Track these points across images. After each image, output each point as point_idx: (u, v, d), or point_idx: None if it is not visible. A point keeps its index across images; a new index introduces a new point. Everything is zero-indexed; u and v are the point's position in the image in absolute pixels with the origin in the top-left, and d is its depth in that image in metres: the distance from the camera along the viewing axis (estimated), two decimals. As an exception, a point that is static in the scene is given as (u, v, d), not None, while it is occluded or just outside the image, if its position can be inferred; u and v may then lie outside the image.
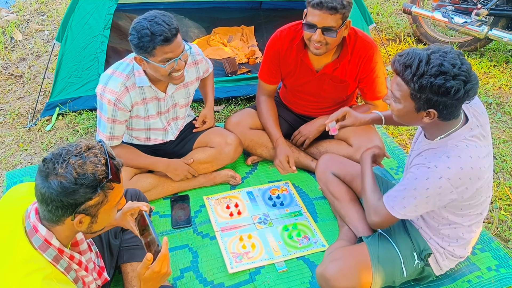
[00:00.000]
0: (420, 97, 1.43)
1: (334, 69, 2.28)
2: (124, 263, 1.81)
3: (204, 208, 2.33)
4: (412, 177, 1.54)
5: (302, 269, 2.01)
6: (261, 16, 4.08)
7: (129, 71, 2.05)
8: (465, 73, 1.38)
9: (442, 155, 1.49)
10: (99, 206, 1.22)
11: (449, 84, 1.36)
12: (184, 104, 2.31)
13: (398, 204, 1.60)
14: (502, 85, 3.45)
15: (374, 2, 4.84)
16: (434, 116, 1.46)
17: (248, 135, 2.49)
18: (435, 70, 1.37)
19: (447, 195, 1.50)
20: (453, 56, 1.40)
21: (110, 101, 2.02)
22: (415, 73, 1.40)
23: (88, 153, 1.19)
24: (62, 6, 4.59)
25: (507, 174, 2.60)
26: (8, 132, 2.91)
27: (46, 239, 1.22)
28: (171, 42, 1.86)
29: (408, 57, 1.43)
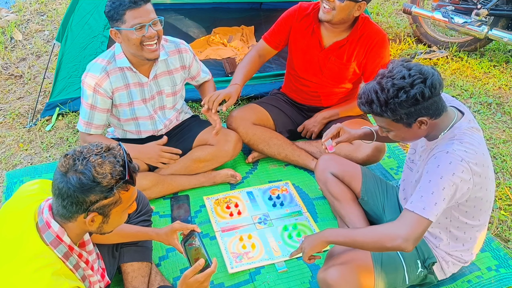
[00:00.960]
0: (401, 117, 1.48)
1: (340, 46, 2.34)
2: (124, 263, 1.81)
3: (204, 208, 2.33)
4: (433, 167, 1.50)
5: (302, 269, 2.01)
6: (261, 16, 4.08)
7: (110, 56, 2.10)
8: (417, 75, 1.43)
9: (456, 141, 1.51)
10: (112, 207, 1.25)
11: (412, 93, 1.42)
12: (170, 92, 2.30)
13: (428, 203, 1.46)
14: (502, 85, 3.45)
15: (374, 2, 4.84)
16: (427, 121, 1.50)
17: (251, 130, 2.49)
18: (392, 91, 1.44)
19: (466, 182, 1.48)
20: (398, 69, 1.46)
21: (90, 86, 2.06)
22: (380, 104, 1.47)
23: (108, 153, 1.23)
24: (62, 6, 4.59)
25: (507, 174, 2.60)
26: (8, 132, 2.91)
27: (58, 235, 1.25)
28: (139, 6, 1.93)
29: (365, 96, 1.51)
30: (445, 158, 1.48)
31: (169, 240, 1.73)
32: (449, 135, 1.56)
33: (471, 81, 3.50)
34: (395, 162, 2.67)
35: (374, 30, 2.33)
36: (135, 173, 1.27)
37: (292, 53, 2.50)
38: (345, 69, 2.40)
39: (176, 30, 3.84)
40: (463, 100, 3.29)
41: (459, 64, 3.70)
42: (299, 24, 2.40)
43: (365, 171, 2.12)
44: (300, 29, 2.41)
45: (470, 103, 3.26)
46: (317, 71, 2.45)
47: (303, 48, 2.43)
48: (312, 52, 2.41)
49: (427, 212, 1.46)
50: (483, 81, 3.50)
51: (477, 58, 3.81)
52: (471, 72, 3.62)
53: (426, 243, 1.74)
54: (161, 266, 2.02)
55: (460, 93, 3.36)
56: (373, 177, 2.10)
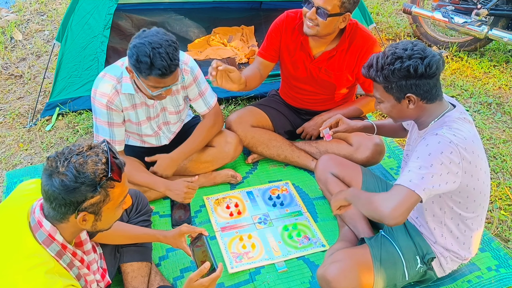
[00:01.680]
0: (392, 87, 1.54)
1: (330, 57, 2.31)
2: (124, 263, 1.81)
3: (204, 208, 2.33)
4: (422, 146, 1.53)
5: (302, 269, 2.01)
6: (261, 16, 4.08)
7: (119, 75, 2.02)
8: (418, 51, 1.50)
9: (444, 126, 1.54)
10: (102, 204, 1.25)
11: (406, 64, 1.48)
12: (174, 111, 2.26)
13: (415, 176, 1.47)
14: (502, 85, 3.45)
15: (374, 2, 4.84)
16: (415, 100, 1.55)
17: (249, 133, 2.49)
18: (390, 58, 1.52)
19: (455, 166, 1.48)
20: (404, 43, 1.55)
21: (102, 104, 2.01)
22: (377, 69, 1.55)
23: (90, 152, 1.22)
24: (62, 6, 4.59)
25: (507, 174, 2.60)
26: (8, 132, 2.91)
27: (50, 234, 1.25)
28: (167, 77, 1.83)
29: (369, 60, 1.60)
30: (434, 138, 1.51)
31: (177, 243, 1.74)
32: (439, 123, 1.58)
33: (471, 81, 3.50)
34: (395, 162, 2.67)
35: (363, 38, 2.28)
36: (120, 169, 1.26)
37: (285, 64, 2.47)
38: (337, 79, 2.39)
39: (176, 30, 3.84)
40: (463, 100, 3.29)
41: (459, 64, 3.70)
42: (287, 35, 2.37)
43: (365, 171, 2.12)
44: (289, 40, 2.37)
45: (470, 103, 3.26)
46: (310, 80, 2.44)
47: (294, 59, 2.40)
48: (303, 63, 2.39)
49: (413, 184, 1.45)
50: (483, 81, 3.50)
51: (477, 58, 3.81)
52: (471, 72, 3.62)
53: (424, 239, 1.75)
54: (161, 266, 2.02)
55: (460, 93, 3.36)
56: (373, 177, 2.11)
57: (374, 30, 3.31)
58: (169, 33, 1.85)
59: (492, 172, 2.61)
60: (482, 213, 1.70)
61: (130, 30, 3.69)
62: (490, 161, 2.68)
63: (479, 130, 2.96)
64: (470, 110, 3.17)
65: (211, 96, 2.31)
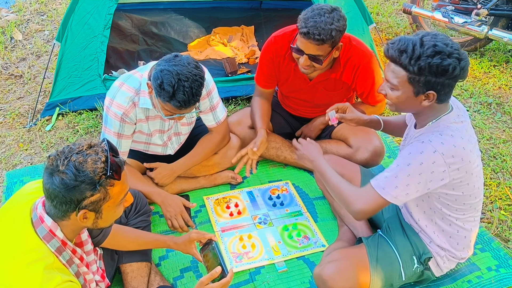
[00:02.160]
0: (419, 79, 1.45)
1: (326, 78, 2.28)
2: (123, 263, 1.81)
3: (204, 208, 2.33)
4: (405, 153, 1.51)
5: (302, 269, 2.01)
6: (261, 16, 4.08)
7: (138, 87, 1.98)
8: (457, 51, 1.43)
9: (435, 132, 1.51)
10: (102, 202, 1.26)
11: (446, 62, 1.40)
12: (186, 123, 2.26)
13: (389, 184, 1.52)
14: (502, 85, 3.45)
15: (374, 2, 4.84)
16: (433, 98, 1.49)
17: (248, 135, 2.49)
18: (431, 51, 1.41)
19: (439, 174, 1.48)
20: (443, 37, 1.46)
21: (116, 115, 1.98)
22: (412, 57, 1.43)
23: (90, 151, 1.23)
24: (62, 6, 4.59)
25: (507, 174, 2.60)
26: (8, 132, 2.91)
27: (50, 230, 1.27)
28: (184, 109, 1.82)
29: (401, 43, 1.46)
30: (418, 147, 1.49)
31: (188, 249, 1.76)
32: (434, 127, 1.55)
33: (471, 81, 3.50)
34: (395, 162, 2.66)
35: (359, 54, 2.21)
36: (120, 168, 1.27)
37: (281, 83, 2.43)
38: (336, 95, 2.36)
39: (176, 30, 3.84)
40: (463, 100, 3.29)
41: (459, 64, 3.70)
42: (279, 62, 2.32)
43: (364, 171, 2.11)
44: (282, 66, 2.32)
45: (470, 103, 3.26)
46: (308, 98, 2.42)
47: (289, 82, 2.36)
48: (299, 85, 2.35)
49: (385, 192, 1.53)
50: (483, 81, 3.50)
51: (477, 58, 3.81)
52: (471, 72, 3.61)
53: (421, 239, 1.75)
54: (161, 266, 2.01)
55: (460, 93, 3.36)
56: (372, 176, 2.10)
57: (374, 30, 3.31)
58: (200, 65, 1.82)
59: (492, 172, 2.61)
60: (475, 214, 1.69)
61: (130, 30, 3.69)
62: (490, 161, 2.69)
63: (479, 130, 2.96)
64: (470, 110, 3.17)
65: (221, 111, 2.29)
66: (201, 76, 1.79)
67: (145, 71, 1.98)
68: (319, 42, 1.96)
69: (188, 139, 2.37)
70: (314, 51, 2.02)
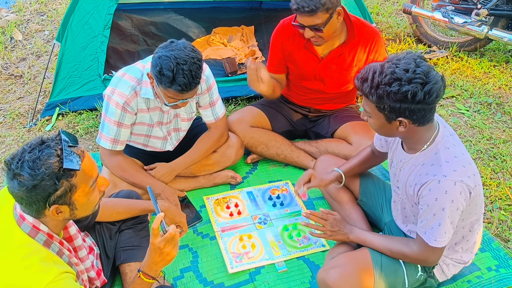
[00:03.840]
0: (384, 107, 1.45)
1: (339, 54, 2.31)
2: (122, 263, 1.81)
3: (204, 208, 2.33)
4: (431, 200, 1.50)
5: (302, 269, 2.01)
6: (261, 16, 4.08)
7: (140, 77, 2.01)
8: (420, 75, 1.38)
9: (442, 162, 1.49)
10: (70, 194, 1.24)
11: (404, 89, 1.37)
12: (186, 118, 2.27)
13: (438, 234, 1.52)
14: (502, 85, 3.45)
15: (374, 2, 4.84)
16: (406, 124, 1.47)
17: (249, 133, 2.49)
18: (388, 78, 1.39)
19: (468, 198, 1.50)
20: (407, 61, 1.41)
21: (118, 104, 1.99)
22: (371, 85, 1.43)
23: (42, 146, 1.21)
24: (62, 6, 4.59)
25: (507, 174, 2.60)
26: (8, 132, 2.91)
27: (34, 225, 1.27)
28: (186, 93, 1.84)
29: (364, 71, 1.46)
30: (439, 188, 1.47)
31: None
32: (432, 151, 1.54)
33: (471, 81, 3.50)
34: (395, 162, 2.67)
35: (369, 31, 2.30)
36: (79, 157, 1.24)
37: (290, 67, 2.47)
38: (347, 74, 2.38)
39: (176, 30, 3.84)
40: (463, 100, 3.29)
41: (459, 64, 3.70)
42: (288, 43, 2.36)
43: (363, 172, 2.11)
44: (291, 47, 2.36)
45: (470, 103, 3.26)
46: (318, 80, 2.44)
47: (300, 63, 2.39)
48: (310, 65, 2.38)
49: (439, 242, 1.54)
50: (483, 81, 3.50)
51: (477, 58, 3.81)
52: (471, 72, 3.62)
53: None
54: (161, 266, 2.01)
55: (460, 93, 3.36)
56: (372, 177, 2.10)
57: (374, 30, 3.31)
58: (196, 49, 1.85)
59: (492, 172, 2.61)
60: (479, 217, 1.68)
61: (130, 30, 3.69)
62: (490, 161, 2.68)
63: (479, 130, 2.96)
64: (470, 110, 3.17)
65: (220, 108, 2.31)
66: (199, 59, 1.83)
67: (148, 62, 2.00)
68: (311, 13, 2.02)
69: (187, 138, 2.37)
70: (312, 22, 2.06)
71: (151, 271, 1.45)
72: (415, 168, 1.58)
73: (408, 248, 1.63)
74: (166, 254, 1.41)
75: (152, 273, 1.45)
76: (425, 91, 1.38)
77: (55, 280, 1.21)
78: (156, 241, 1.39)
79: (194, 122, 2.42)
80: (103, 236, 1.80)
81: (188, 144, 2.34)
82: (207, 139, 2.32)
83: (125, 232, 1.86)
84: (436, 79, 1.40)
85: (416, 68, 1.39)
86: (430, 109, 1.44)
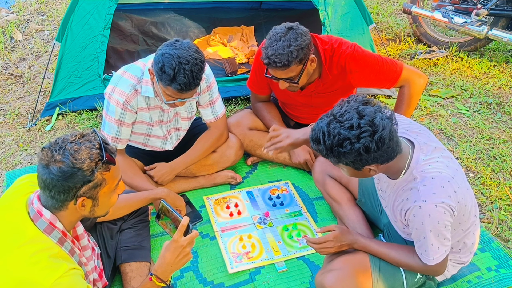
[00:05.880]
0: (347, 163, 1.46)
1: (318, 85, 2.24)
2: (122, 263, 1.81)
3: (204, 208, 2.33)
4: (418, 224, 1.51)
5: (302, 269, 2.01)
6: (261, 16, 4.08)
7: (140, 76, 2.02)
8: (366, 128, 1.37)
9: (419, 187, 1.49)
10: (99, 189, 1.30)
11: (357, 146, 1.38)
12: (186, 117, 2.27)
13: (433, 252, 1.54)
14: (502, 85, 3.45)
15: (374, 2, 4.84)
16: (375, 168, 1.48)
17: (248, 136, 2.49)
18: (337, 140, 1.39)
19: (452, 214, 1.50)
20: (349, 115, 1.40)
21: (118, 102, 2.00)
22: (326, 148, 1.43)
23: (83, 139, 1.27)
24: (62, 6, 4.59)
25: (507, 174, 2.60)
26: (8, 132, 2.91)
27: (50, 222, 1.29)
28: (185, 92, 1.84)
29: (314, 133, 1.46)
30: (422, 213, 1.48)
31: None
32: (408, 177, 1.54)
33: (471, 81, 3.50)
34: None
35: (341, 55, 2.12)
36: (113, 154, 1.31)
37: (275, 93, 2.43)
38: (333, 95, 2.29)
39: (176, 30, 3.84)
40: (463, 100, 3.29)
41: (459, 64, 3.70)
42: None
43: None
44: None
45: (470, 103, 3.26)
46: (305, 105, 2.40)
47: (282, 92, 2.29)
48: (292, 94, 2.31)
49: (437, 259, 1.56)
50: (483, 81, 3.50)
51: (477, 58, 3.81)
52: (471, 72, 3.62)
53: None
54: (161, 266, 2.01)
55: (460, 93, 3.36)
56: (371, 178, 2.10)
57: (374, 30, 3.31)
58: (200, 50, 1.85)
59: (492, 172, 2.61)
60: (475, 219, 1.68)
61: (130, 30, 3.69)
62: (490, 161, 2.68)
63: (479, 130, 2.96)
64: (470, 110, 3.17)
65: (220, 107, 2.31)
66: (201, 60, 1.83)
67: (149, 61, 2.00)
68: (283, 67, 1.97)
69: (187, 138, 2.37)
70: (285, 75, 2.02)
71: (164, 273, 1.47)
72: (398, 193, 1.60)
73: (415, 261, 1.63)
74: (184, 254, 1.46)
75: (164, 276, 1.47)
76: (376, 141, 1.37)
77: (64, 275, 1.22)
78: (181, 239, 1.43)
79: (194, 122, 2.42)
80: (104, 236, 1.81)
81: (188, 144, 2.33)
82: (206, 138, 2.32)
83: (126, 232, 1.86)
84: (383, 124, 1.38)
85: (360, 121, 1.38)
86: (391, 146, 1.44)
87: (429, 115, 3.13)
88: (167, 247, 1.45)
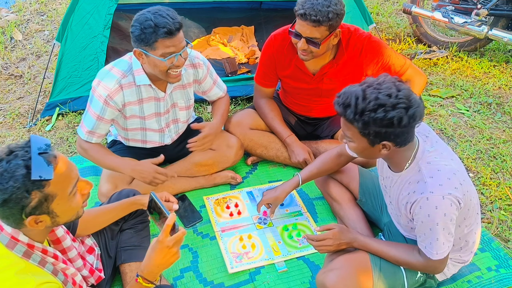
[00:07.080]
0: (369, 133, 1.44)
1: (330, 67, 2.27)
2: (122, 263, 1.81)
3: (204, 208, 2.33)
4: (423, 217, 1.51)
5: (302, 269, 2.01)
6: (261, 16, 4.08)
7: (127, 69, 2.01)
8: (403, 100, 1.38)
9: (426, 179, 1.50)
10: (47, 203, 1.18)
11: (391, 115, 1.37)
12: (184, 106, 2.26)
13: (437, 246, 1.54)
14: (502, 85, 3.45)
15: (374, 2, 4.84)
16: (390, 147, 1.47)
17: (248, 135, 2.49)
18: (373, 104, 1.38)
19: (459, 207, 1.50)
20: (387, 85, 1.40)
21: (101, 96, 1.99)
22: (356, 112, 1.41)
23: (11, 157, 1.13)
24: (62, 6, 4.59)
25: (507, 174, 2.60)
26: (8, 132, 2.91)
27: (12, 236, 1.22)
28: (173, 36, 1.83)
29: (345, 97, 1.44)
30: (429, 205, 1.48)
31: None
32: (414, 169, 1.54)
33: (471, 81, 3.50)
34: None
35: (358, 39, 2.20)
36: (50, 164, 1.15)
37: (285, 81, 2.44)
38: (343, 83, 2.31)
39: (176, 30, 3.84)
40: (463, 100, 3.29)
41: (459, 64, 3.70)
42: (280, 59, 2.32)
43: (362, 171, 2.11)
44: (283, 63, 2.33)
45: (470, 103, 3.26)
46: (314, 93, 2.41)
47: (292, 79, 2.36)
48: (302, 80, 2.34)
49: (440, 254, 1.56)
50: (483, 81, 3.50)
51: (477, 58, 3.81)
52: (471, 72, 3.62)
53: None
54: (161, 266, 2.01)
55: (460, 93, 3.36)
56: (371, 177, 2.10)
57: (374, 30, 3.31)
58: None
59: (492, 172, 2.61)
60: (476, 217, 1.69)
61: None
62: (490, 161, 2.69)
63: (479, 130, 2.96)
64: (470, 110, 3.17)
65: (222, 82, 2.40)
66: (168, 8, 1.87)
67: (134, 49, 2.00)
68: (315, 23, 1.98)
69: (186, 133, 2.37)
70: (311, 33, 2.02)
71: (151, 274, 1.37)
72: (403, 186, 1.59)
73: (415, 258, 1.63)
74: (171, 255, 1.34)
75: (151, 277, 1.38)
76: (409, 115, 1.38)
77: None
78: (166, 239, 1.31)
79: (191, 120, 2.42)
80: (105, 236, 1.80)
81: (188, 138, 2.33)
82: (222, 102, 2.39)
83: (126, 232, 1.86)
84: (418, 102, 1.41)
85: (398, 93, 1.38)
86: (411, 130, 1.46)
87: (429, 115, 3.13)
88: (153, 247, 1.34)
